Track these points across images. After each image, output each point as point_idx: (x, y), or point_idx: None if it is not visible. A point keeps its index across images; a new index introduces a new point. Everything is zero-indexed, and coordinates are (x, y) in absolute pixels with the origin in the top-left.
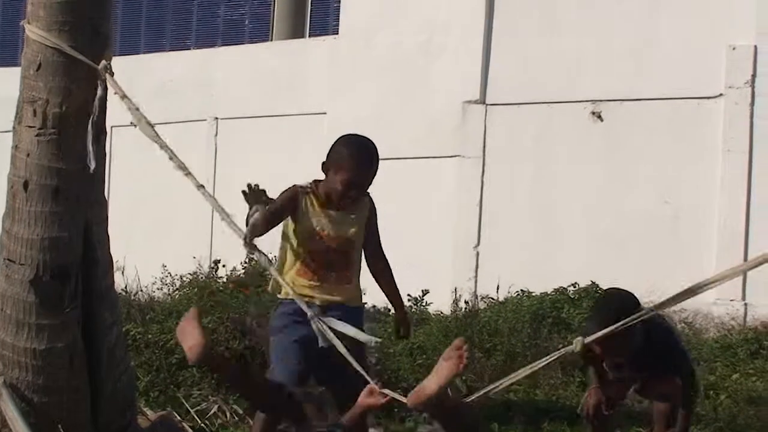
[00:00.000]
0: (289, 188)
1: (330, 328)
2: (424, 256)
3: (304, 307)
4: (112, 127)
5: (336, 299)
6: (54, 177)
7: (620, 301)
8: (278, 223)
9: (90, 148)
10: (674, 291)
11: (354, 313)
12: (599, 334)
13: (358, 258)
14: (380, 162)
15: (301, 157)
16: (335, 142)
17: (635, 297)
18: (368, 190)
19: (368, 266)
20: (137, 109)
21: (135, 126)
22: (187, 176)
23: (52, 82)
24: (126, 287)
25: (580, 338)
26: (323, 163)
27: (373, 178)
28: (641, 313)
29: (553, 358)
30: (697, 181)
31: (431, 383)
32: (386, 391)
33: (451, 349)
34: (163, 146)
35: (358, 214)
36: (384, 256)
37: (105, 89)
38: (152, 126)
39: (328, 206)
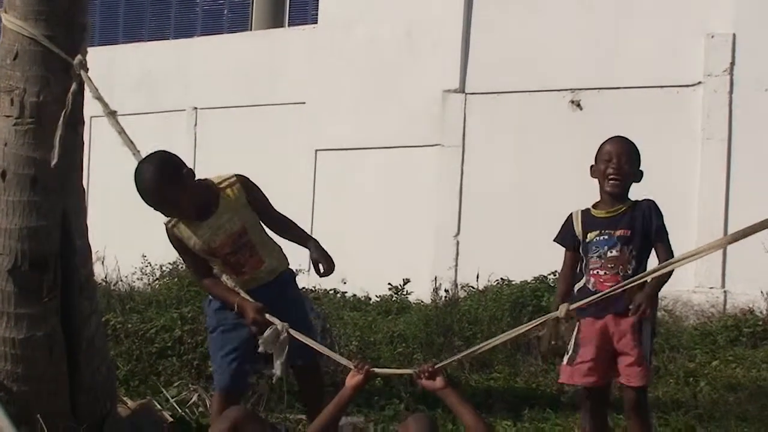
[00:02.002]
0: (167, 233)
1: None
2: (404, 245)
3: (276, 321)
4: (91, 117)
5: (261, 282)
6: (32, 166)
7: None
8: (198, 259)
9: (56, 143)
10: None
11: (280, 281)
12: (583, 301)
13: (261, 236)
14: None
15: (280, 146)
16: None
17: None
18: (234, 175)
19: (274, 233)
20: (114, 113)
21: (116, 114)
22: None
23: (29, 71)
24: (106, 277)
25: (564, 305)
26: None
27: (178, 188)
28: (651, 271)
29: (537, 323)
30: (677, 168)
31: None
32: (378, 370)
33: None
34: (135, 153)
35: (234, 208)
36: (281, 217)
37: (79, 83)
38: (126, 134)
39: (198, 219)
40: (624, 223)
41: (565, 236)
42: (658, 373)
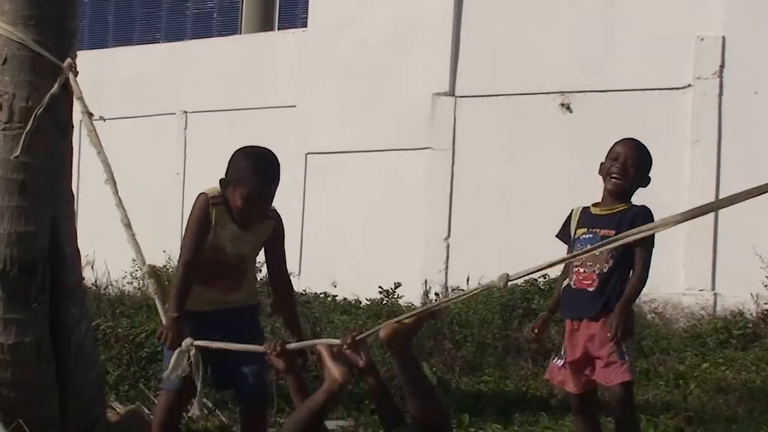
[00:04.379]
0: (199, 200)
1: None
2: (394, 249)
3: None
4: (80, 121)
5: (221, 304)
6: (20, 171)
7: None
8: (203, 242)
9: (23, 138)
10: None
11: (242, 312)
12: (526, 271)
13: (252, 270)
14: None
15: (270, 149)
16: (233, 156)
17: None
18: (276, 212)
19: (272, 290)
20: (90, 114)
21: (104, 120)
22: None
23: (18, 76)
24: (96, 281)
25: (505, 274)
26: (222, 180)
27: (275, 191)
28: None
29: (478, 291)
30: (666, 172)
31: (407, 320)
32: (293, 345)
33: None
34: (99, 152)
35: (260, 235)
36: (288, 280)
37: (62, 86)
38: (96, 135)
39: (234, 221)
40: (611, 224)
41: (564, 233)
42: (647, 375)
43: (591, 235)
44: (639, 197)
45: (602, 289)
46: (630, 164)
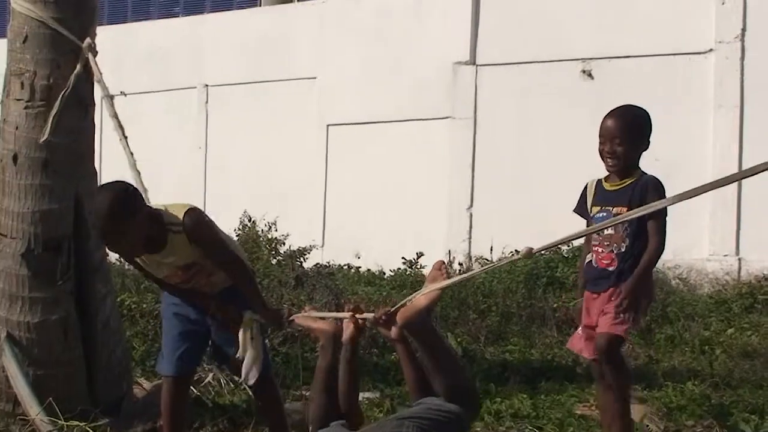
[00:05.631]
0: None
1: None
2: (417, 219)
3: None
4: (101, 97)
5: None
6: (43, 150)
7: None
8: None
9: (50, 121)
10: (668, 252)
11: (224, 292)
12: (549, 245)
13: (212, 265)
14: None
15: (292, 121)
16: None
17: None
18: (179, 223)
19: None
20: (112, 97)
21: (125, 95)
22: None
23: (39, 54)
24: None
25: (528, 247)
26: None
27: (116, 227)
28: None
29: (504, 262)
30: (689, 137)
31: (420, 300)
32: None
33: (434, 269)
34: (122, 138)
35: (176, 247)
36: (226, 262)
37: (84, 66)
38: (118, 119)
39: (147, 252)
40: (622, 201)
41: (582, 208)
42: (673, 341)
43: (605, 214)
44: (660, 162)
45: (622, 267)
46: (616, 143)
